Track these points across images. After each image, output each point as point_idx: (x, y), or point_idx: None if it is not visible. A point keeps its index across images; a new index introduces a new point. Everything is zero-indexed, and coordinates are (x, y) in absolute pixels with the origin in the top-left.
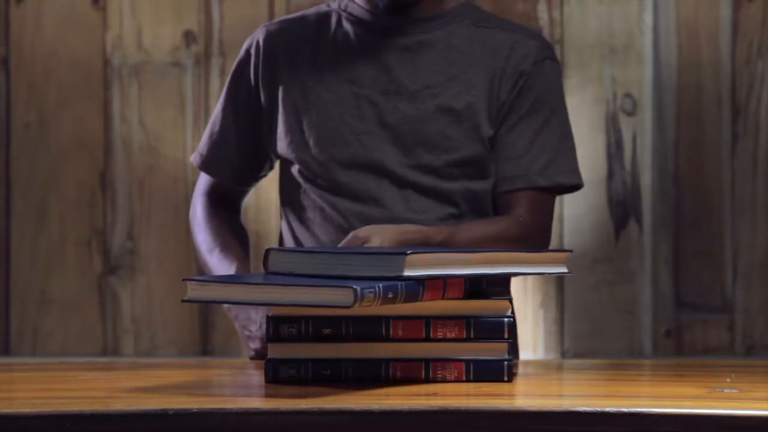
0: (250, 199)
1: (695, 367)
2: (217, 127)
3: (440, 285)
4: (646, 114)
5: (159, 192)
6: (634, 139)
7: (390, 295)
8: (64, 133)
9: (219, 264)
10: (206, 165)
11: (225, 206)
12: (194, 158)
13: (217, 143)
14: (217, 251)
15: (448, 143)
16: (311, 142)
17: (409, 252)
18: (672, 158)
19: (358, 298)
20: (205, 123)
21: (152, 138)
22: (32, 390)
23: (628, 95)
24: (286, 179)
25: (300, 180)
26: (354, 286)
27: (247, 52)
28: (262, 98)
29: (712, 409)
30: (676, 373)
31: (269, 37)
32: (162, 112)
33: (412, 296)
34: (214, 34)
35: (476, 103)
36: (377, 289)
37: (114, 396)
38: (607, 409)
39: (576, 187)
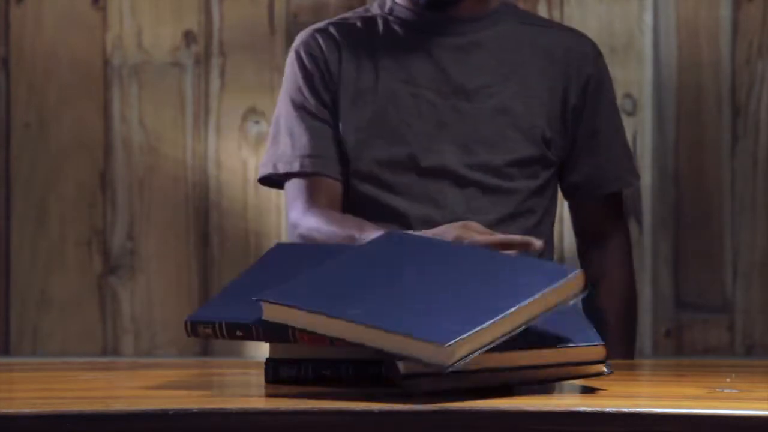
0: (250, 199)
1: (695, 367)
2: (301, 127)
3: None
4: (646, 114)
5: (159, 192)
6: (634, 139)
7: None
8: (64, 133)
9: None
10: (313, 164)
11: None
12: (291, 166)
13: (311, 141)
14: (364, 228)
15: (506, 143)
16: (369, 142)
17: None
18: (672, 158)
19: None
20: (205, 123)
21: (152, 138)
22: (32, 390)
23: (628, 95)
24: None
25: (355, 180)
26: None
27: (306, 52)
28: (325, 97)
29: (712, 409)
30: (676, 373)
31: (323, 37)
32: (162, 112)
33: None
34: (214, 34)
35: (533, 105)
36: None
37: (114, 396)
38: (607, 409)
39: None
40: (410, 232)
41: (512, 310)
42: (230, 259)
